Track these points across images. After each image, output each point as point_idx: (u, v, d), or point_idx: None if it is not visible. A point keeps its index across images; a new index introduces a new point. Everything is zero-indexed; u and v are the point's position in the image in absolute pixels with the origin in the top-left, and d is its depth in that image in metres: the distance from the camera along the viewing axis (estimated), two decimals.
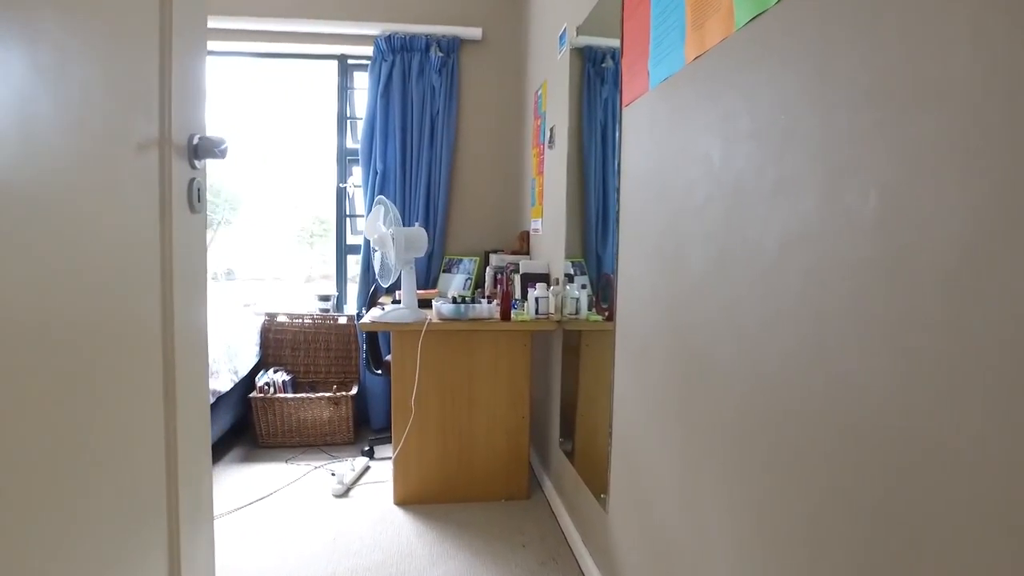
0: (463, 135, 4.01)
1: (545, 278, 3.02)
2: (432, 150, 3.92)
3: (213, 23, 3.77)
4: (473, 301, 2.76)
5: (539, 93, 3.40)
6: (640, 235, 1.75)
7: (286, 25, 3.84)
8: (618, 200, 2.00)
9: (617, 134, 2.04)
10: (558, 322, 2.77)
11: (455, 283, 3.89)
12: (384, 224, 2.69)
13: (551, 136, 3.08)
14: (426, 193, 3.92)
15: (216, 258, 15.94)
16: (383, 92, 3.86)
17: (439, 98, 3.88)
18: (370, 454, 3.43)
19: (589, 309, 2.63)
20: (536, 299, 2.78)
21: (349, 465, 3.19)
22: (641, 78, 1.72)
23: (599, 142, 2.44)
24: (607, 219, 2.25)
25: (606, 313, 2.43)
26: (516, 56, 3.99)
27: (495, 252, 3.69)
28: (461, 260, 3.95)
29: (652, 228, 1.64)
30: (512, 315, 2.78)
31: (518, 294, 3.11)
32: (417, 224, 2.77)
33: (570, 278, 2.80)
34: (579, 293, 2.70)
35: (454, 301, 2.75)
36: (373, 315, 2.70)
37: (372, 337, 3.45)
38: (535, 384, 3.33)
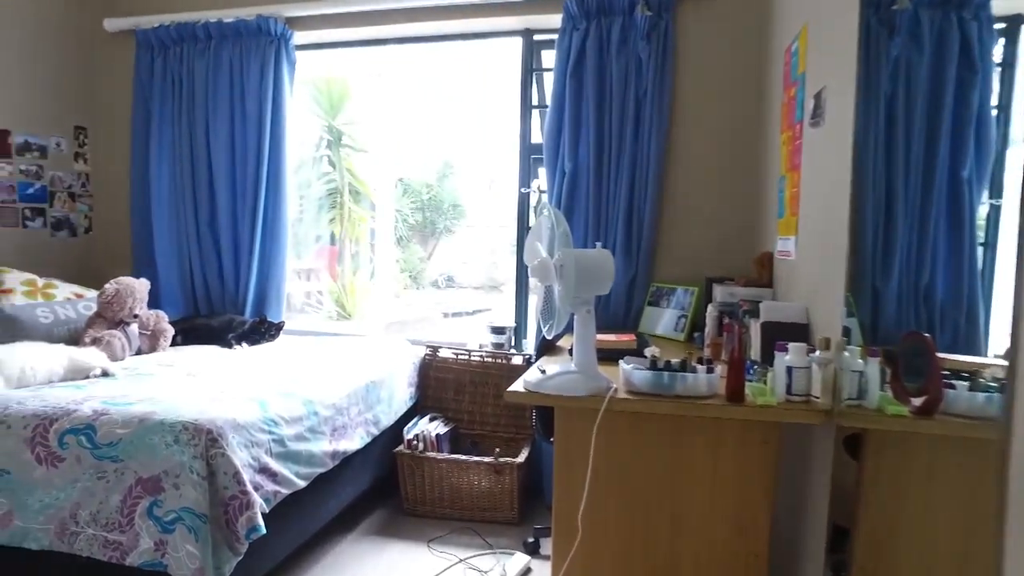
0: (679, 121, 2.99)
1: (802, 332, 1.90)
2: (637, 142, 2.95)
3: (373, 5, 3.20)
4: (684, 368, 1.75)
5: (794, 48, 2.27)
6: None
7: None
8: None
9: None
10: (827, 412, 1.65)
11: (663, 321, 2.88)
12: (547, 245, 1.80)
13: (815, 107, 1.97)
14: (628, 199, 2.96)
15: (437, 266, 16.47)
16: (574, 70, 2.98)
17: (647, 73, 2.90)
18: (534, 548, 2.56)
19: (881, 389, 1.54)
20: (788, 369, 1.69)
21: (501, 567, 2.34)
22: None
23: (883, 121, 1.57)
24: (891, 237, 1.55)
25: (914, 403, 1.38)
26: (756, 6, 2.86)
27: (721, 281, 2.62)
28: (674, 290, 2.93)
29: None
30: (747, 392, 1.72)
31: (755, 351, 2.03)
32: (599, 245, 1.82)
33: (848, 334, 1.69)
34: (865, 364, 1.58)
35: (654, 366, 1.76)
36: (528, 379, 1.81)
37: None
38: (781, 505, 2.17)
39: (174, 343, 3.08)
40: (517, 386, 1.83)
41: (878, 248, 1.62)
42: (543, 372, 1.83)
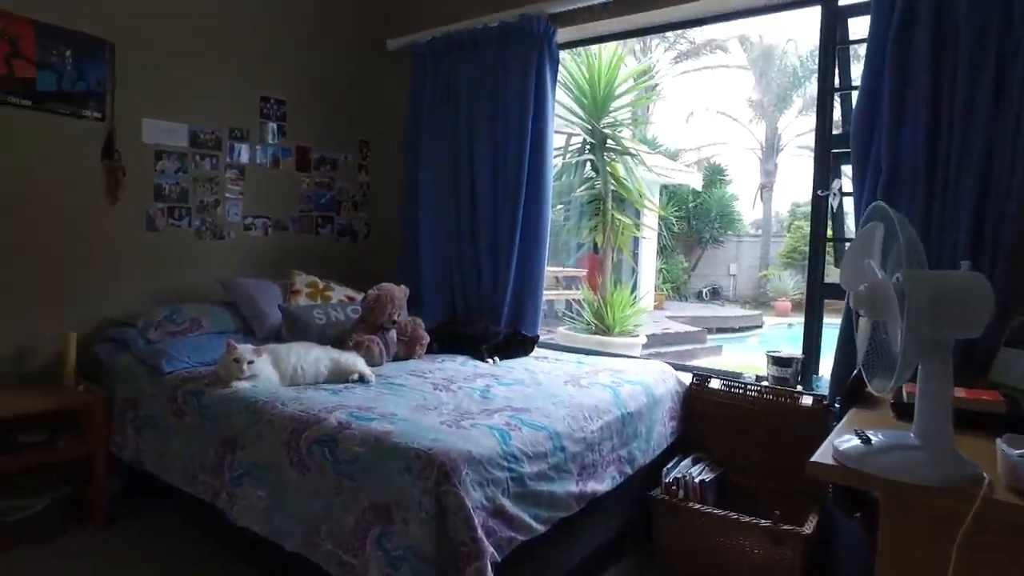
0: None
1: None
2: (998, 120, 2.15)
3: None
4: None
5: None
6: None
7: None
8: None
9: None
10: None
11: None
12: (880, 262, 1.26)
13: None
14: (978, 200, 2.18)
15: (701, 277, 15.59)
16: (899, 33, 2.29)
17: (1018, 25, 2.10)
18: None
19: None
20: None
21: None
22: None
23: None
24: None
25: None
26: None
27: None
28: None
29: None
30: None
31: None
32: (966, 265, 1.23)
33: None
34: None
35: None
36: (843, 447, 1.29)
37: None
38: None
39: (430, 350, 3.07)
40: (823, 455, 1.32)
41: None
42: (864, 439, 1.29)
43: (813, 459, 1.32)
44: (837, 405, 2.16)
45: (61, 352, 2.72)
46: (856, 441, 1.30)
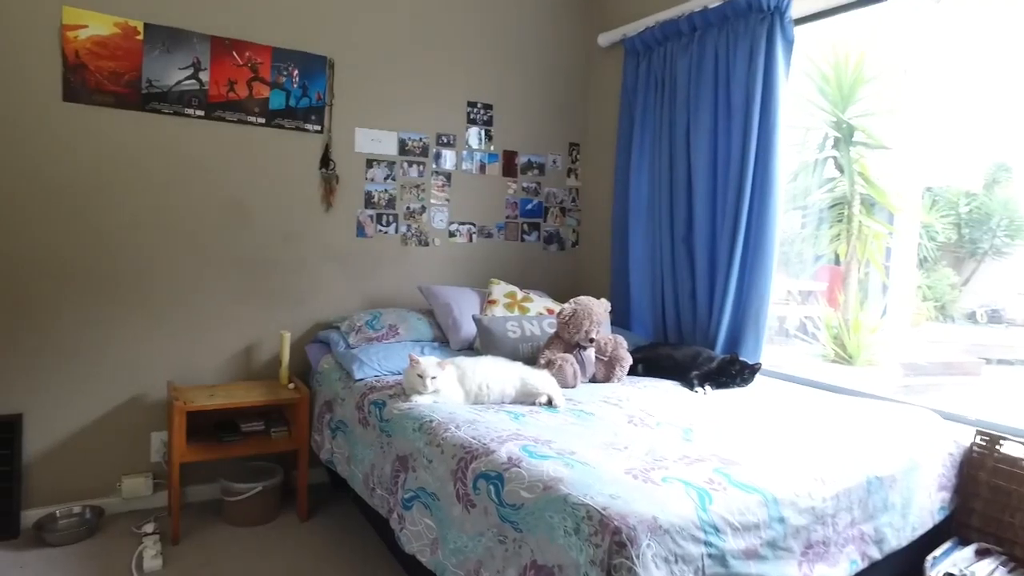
0: None
1: None
2: None
3: None
4: None
5: None
6: None
7: None
8: None
9: None
10: None
11: None
12: None
13: None
14: None
15: (976, 295, 13.05)
16: None
17: None
18: None
19: None
20: None
21: None
22: None
23: None
24: None
25: None
26: None
27: None
28: None
29: None
30: None
31: None
32: None
33: None
34: None
35: None
36: None
37: None
38: None
39: (633, 372, 2.75)
40: None
41: None
42: None
43: None
44: None
45: (278, 351, 2.90)
46: None
